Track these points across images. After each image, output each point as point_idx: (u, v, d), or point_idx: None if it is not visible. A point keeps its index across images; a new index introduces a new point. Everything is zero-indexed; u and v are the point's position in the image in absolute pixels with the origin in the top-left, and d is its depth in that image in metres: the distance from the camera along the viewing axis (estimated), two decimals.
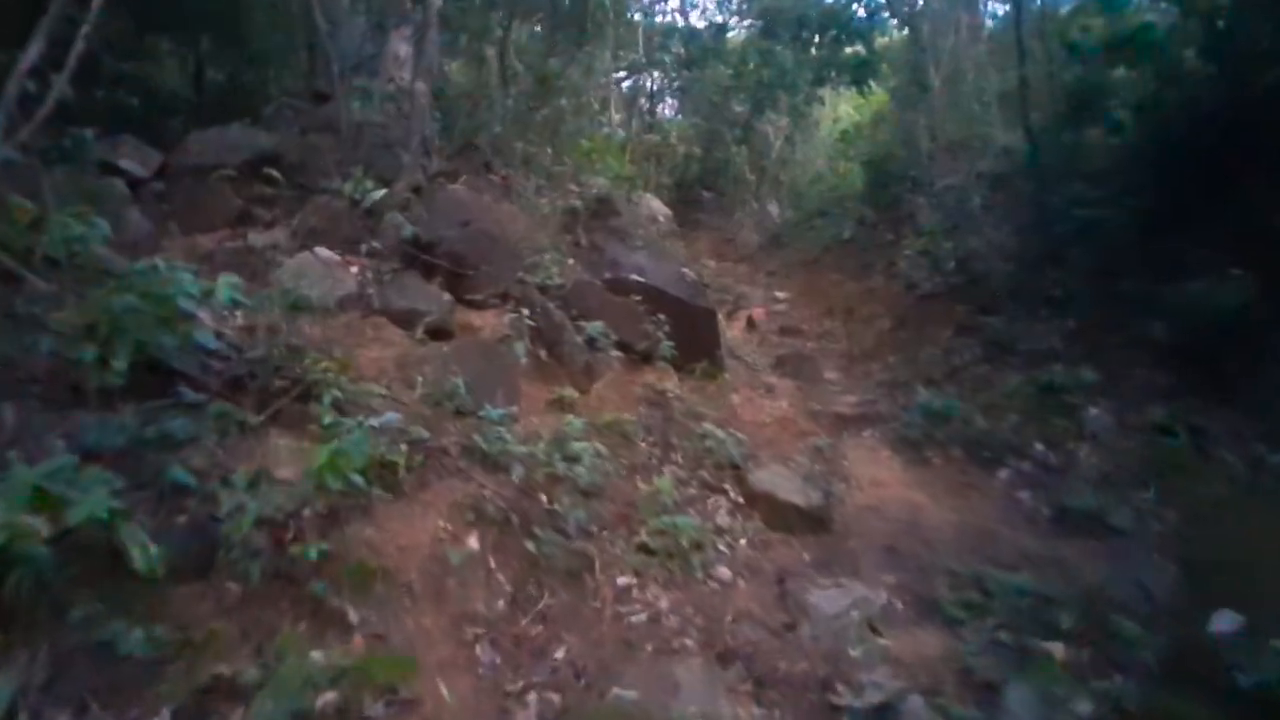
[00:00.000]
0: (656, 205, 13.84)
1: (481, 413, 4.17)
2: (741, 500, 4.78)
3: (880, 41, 16.14)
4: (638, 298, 6.18)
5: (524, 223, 7.16)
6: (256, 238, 4.44)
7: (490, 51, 9.65)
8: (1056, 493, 4.99)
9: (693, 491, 4.77)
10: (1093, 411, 5.59)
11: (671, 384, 6.02)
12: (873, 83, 15.76)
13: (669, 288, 6.48)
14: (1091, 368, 6.04)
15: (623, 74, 17.87)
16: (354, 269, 4.60)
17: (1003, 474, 5.31)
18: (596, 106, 11.47)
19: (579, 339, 5.49)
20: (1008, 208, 10.07)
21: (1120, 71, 8.93)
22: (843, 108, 19.71)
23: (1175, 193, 6.81)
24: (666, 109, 20.79)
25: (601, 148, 7.68)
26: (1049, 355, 6.60)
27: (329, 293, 4.33)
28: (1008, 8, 15.05)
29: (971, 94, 12.11)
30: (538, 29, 11.17)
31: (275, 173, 4.61)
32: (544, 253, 6.18)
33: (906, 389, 8.18)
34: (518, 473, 3.89)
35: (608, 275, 6.37)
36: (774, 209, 18.46)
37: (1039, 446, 5.47)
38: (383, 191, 4.90)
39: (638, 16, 16.20)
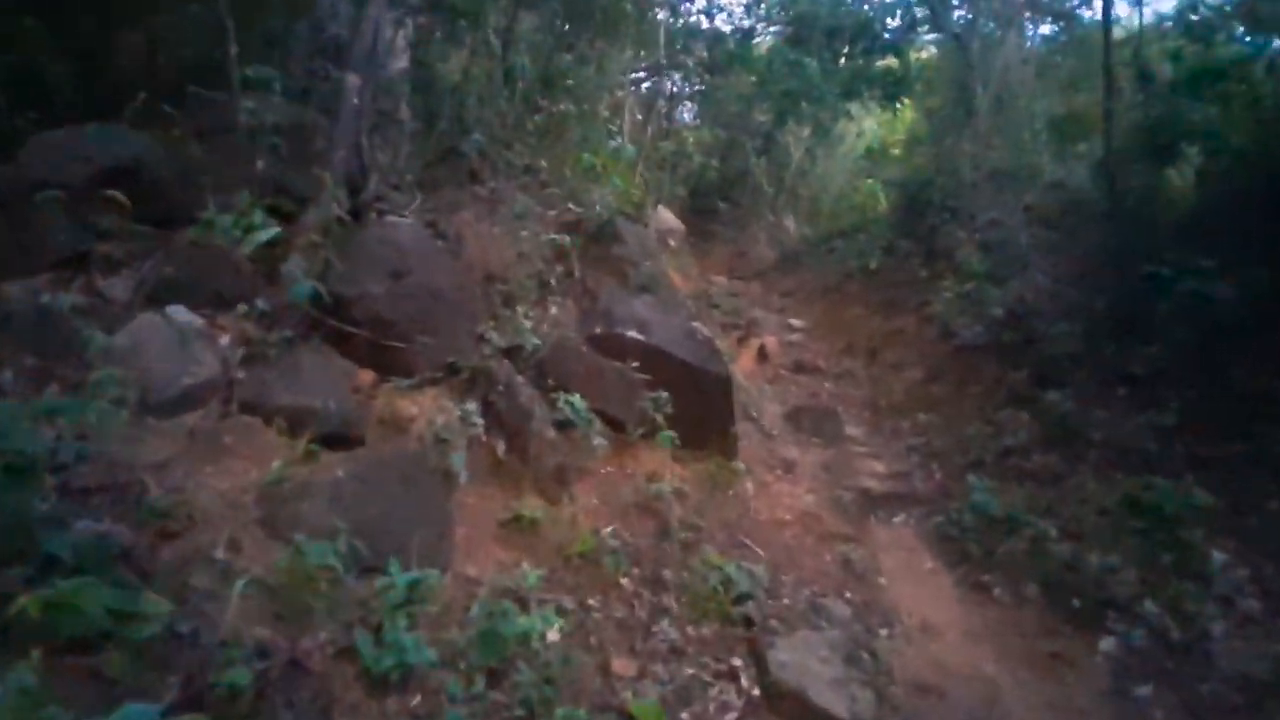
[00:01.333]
0: (668, 218, 12.23)
1: (382, 580, 2.62)
2: (758, 695, 3.21)
3: (915, 56, 14.38)
4: (635, 363, 4.61)
5: (507, 252, 5.57)
6: (82, 292, 2.90)
7: (494, 41, 8.03)
8: (1191, 691, 3.39)
9: (689, 672, 3.21)
10: (1218, 557, 4.00)
11: (671, 478, 4.45)
12: (904, 100, 14.03)
13: (674, 348, 4.88)
14: (1204, 489, 4.46)
15: (641, 75, 16.20)
16: (224, 339, 3.04)
17: (1106, 644, 3.72)
18: (607, 113, 9.82)
19: (551, 429, 3.91)
20: (1066, 254, 8.39)
21: (1212, 109, 7.26)
22: (868, 123, 17.96)
23: None
24: (685, 113, 19.09)
25: (609, 162, 6.09)
26: (1140, 458, 4.98)
27: (173, 379, 2.77)
28: (1056, 28, 13.39)
29: (1021, 120, 10.40)
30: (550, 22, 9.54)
31: (121, 196, 3.02)
32: (520, 300, 4.61)
33: (945, 463, 6.57)
34: (417, 702, 2.34)
35: (598, 330, 4.78)
36: (791, 224, 16.81)
37: (1151, 606, 3.87)
38: (275, 229, 3.33)
39: (661, 15, 14.48)
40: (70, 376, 2.64)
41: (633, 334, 4.77)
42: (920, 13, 13.56)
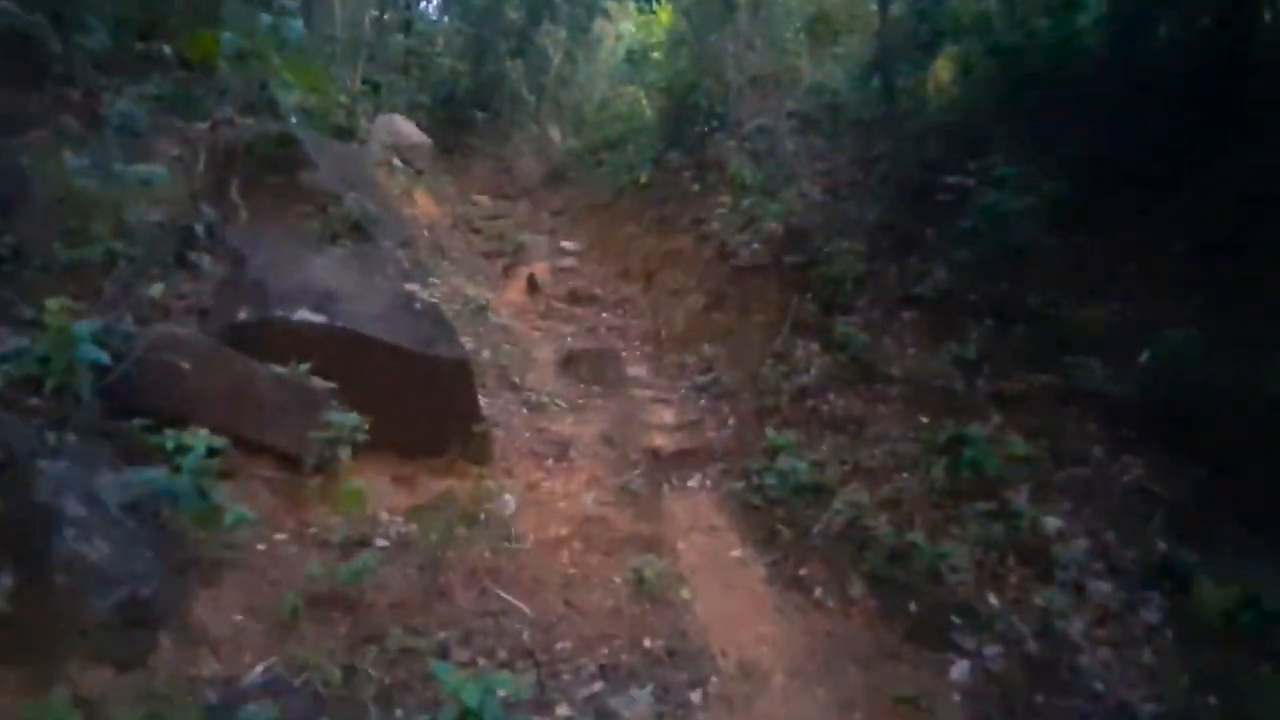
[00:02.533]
0: (407, 131, 9.85)
1: None
2: None
3: None
4: (311, 360, 2.83)
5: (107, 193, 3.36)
6: None
7: None
8: None
9: None
10: (1050, 524, 3.31)
11: (386, 524, 2.87)
12: None
13: (379, 329, 3.14)
14: (1018, 432, 3.78)
15: None
16: None
17: (958, 672, 2.84)
18: None
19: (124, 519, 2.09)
20: (833, 162, 7.61)
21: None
22: (626, 26, 16.21)
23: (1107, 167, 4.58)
24: (431, 9, 16.01)
25: (264, 48, 3.89)
26: (943, 397, 4.25)
27: None
28: None
29: (780, 20, 9.35)
30: None
31: None
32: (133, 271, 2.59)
33: (737, 406, 5.57)
34: None
35: (242, 315, 2.90)
36: (556, 135, 14.93)
37: (995, 602, 3.08)
38: None
39: None
40: None
41: (304, 316, 2.94)
42: None
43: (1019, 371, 4.07)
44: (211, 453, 2.39)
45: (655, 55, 11.60)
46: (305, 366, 2.80)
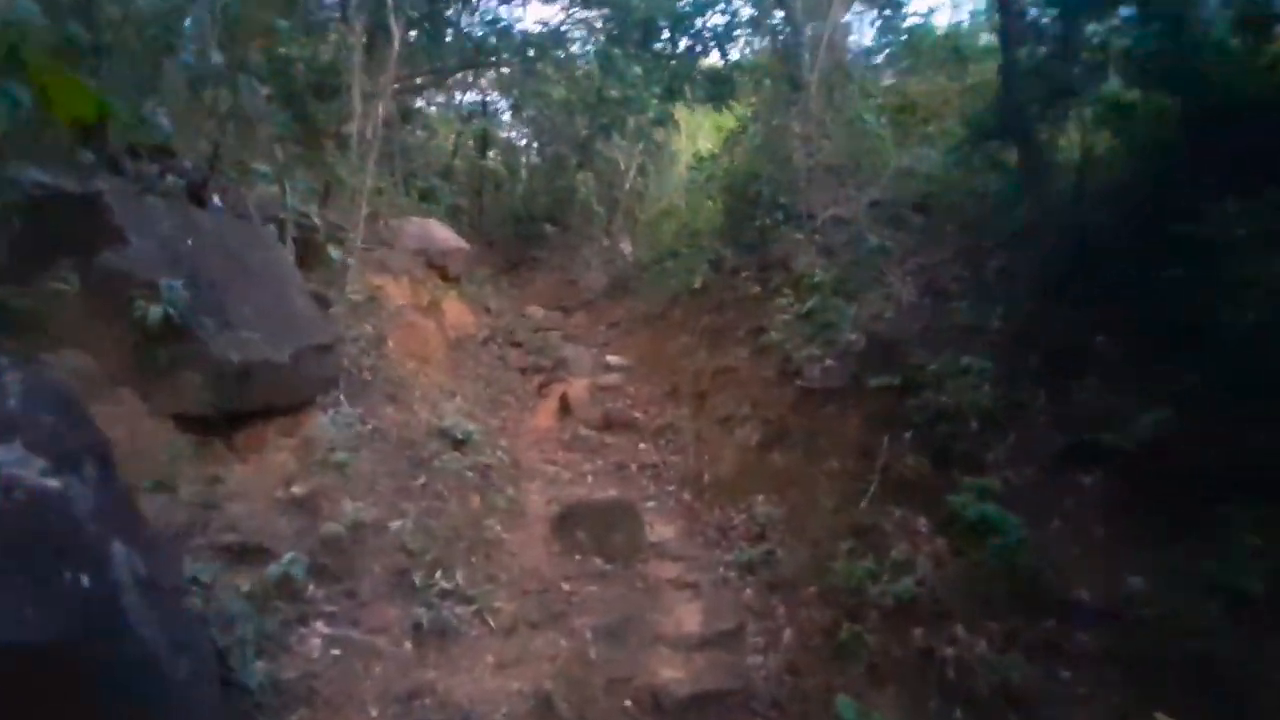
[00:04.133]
0: (441, 234, 8.59)
1: None
2: None
3: (740, 54, 11.67)
4: None
5: None
6: None
7: None
8: None
9: None
10: None
11: None
12: (732, 102, 11.23)
13: None
14: None
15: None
16: None
17: None
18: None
19: None
20: (932, 256, 5.55)
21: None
22: (703, 142, 15.18)
23: None
24: (513, 134, 15.67)
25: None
26: (1204, 669, 1.96)
27: None
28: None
29: (856, 104, 7.65)
30: None
31: None
32: None
33: (798, 615, 3.37)
34: None
35: None
36: (627, 247, 13.68)
37: None
38: None
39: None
40: None
41: None
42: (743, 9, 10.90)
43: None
44: None
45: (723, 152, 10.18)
46: None
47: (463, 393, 6.69)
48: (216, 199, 4.00)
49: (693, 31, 11.20)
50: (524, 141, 14.87)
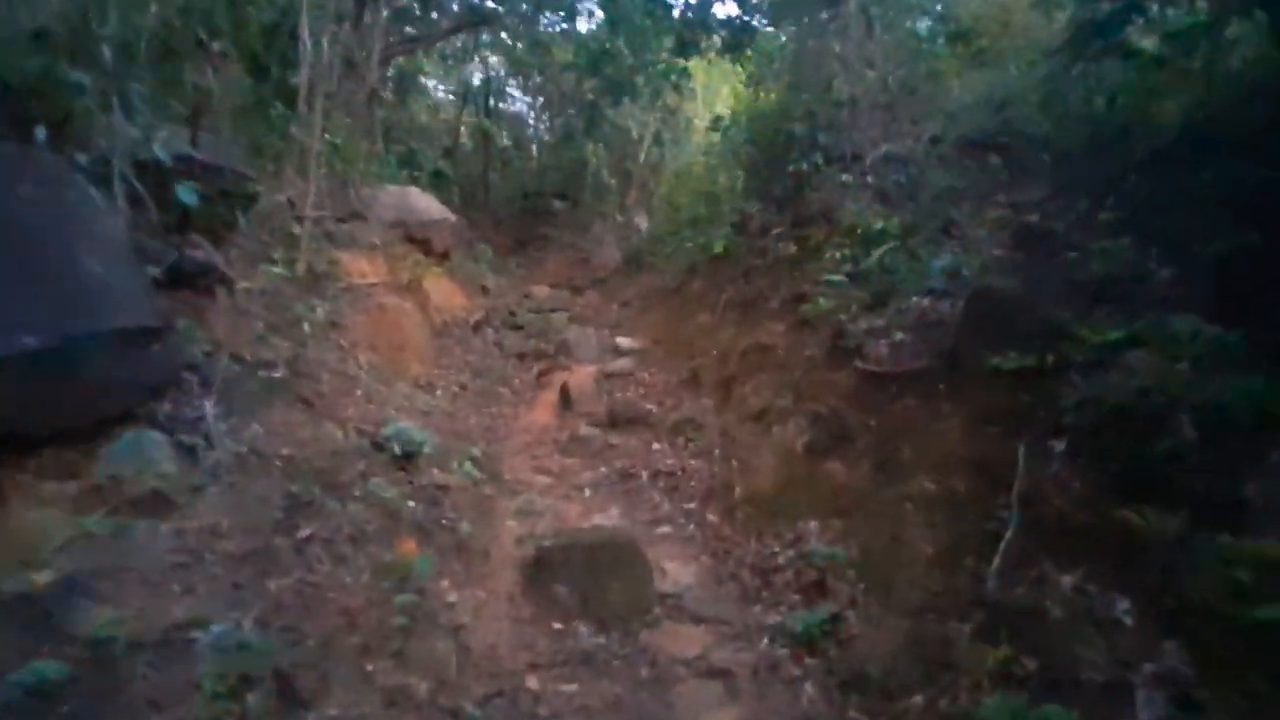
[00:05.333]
0: (423, 204, 7.24)
1: None
2: None
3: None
4: None
5: None
6: None
7: None
8: None
9: None
10: None
11: None
12: (750, 49, 9.60)
13: None
14: None
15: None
16: None
17: None
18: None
19: None
20: (1026, 194, 4.06)
21: None
22: (721, 109, 13.52)
23: None
24: (519, 106, 14.25)
25: None
26: None
27: None
28: None
29: (903, 17, 6.05)
30: None
31: None
32: None
33: (885, 706, 2.02)
34: None
35: None
36: (643, 222, 12.28)
37: None
38: None
39: None
40: None
41: None
42: None
43: None
44: None
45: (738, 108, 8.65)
46: None
47: (442, 386, 5.42)
48: (41, 132, 2.74)
49: None
50: (530, 114, 13.48)
